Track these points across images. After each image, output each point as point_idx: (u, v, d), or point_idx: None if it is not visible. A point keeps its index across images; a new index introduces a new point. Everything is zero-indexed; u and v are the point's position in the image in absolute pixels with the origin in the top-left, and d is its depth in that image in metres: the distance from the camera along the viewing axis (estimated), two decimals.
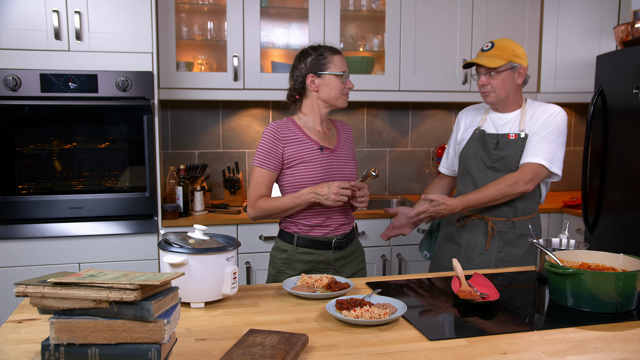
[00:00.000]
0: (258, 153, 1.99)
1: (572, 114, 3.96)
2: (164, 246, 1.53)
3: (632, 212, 2.62)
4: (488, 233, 2.18)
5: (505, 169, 2.15)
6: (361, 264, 2.16)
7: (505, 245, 2.17)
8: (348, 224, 2.08)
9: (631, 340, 1.31)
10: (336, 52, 2.03)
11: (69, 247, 2.69)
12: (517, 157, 2.14)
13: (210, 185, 3.37)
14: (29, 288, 1.04)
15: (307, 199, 1.93)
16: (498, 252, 2.18)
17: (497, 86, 2.13)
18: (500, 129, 2.21)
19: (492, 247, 2.18)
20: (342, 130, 2.15)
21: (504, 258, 2.17)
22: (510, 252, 2.17)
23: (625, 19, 3.34)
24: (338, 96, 2.01)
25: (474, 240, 2.21)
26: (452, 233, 2.28)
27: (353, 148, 2.17)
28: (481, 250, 2.20)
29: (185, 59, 3.17)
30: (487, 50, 2.15)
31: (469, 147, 2.26)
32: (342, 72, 2.00)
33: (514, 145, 2.14)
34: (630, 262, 1.59)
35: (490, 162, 2.18)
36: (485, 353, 1.23)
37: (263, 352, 1.16)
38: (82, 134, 2.75)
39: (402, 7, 3.22)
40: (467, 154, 2.26)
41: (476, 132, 2.25)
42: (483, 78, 2.16)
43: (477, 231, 2.21)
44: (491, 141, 2.18)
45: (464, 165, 2.27)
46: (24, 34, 2.58)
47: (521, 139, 2.14)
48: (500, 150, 2.16)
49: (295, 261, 2.02)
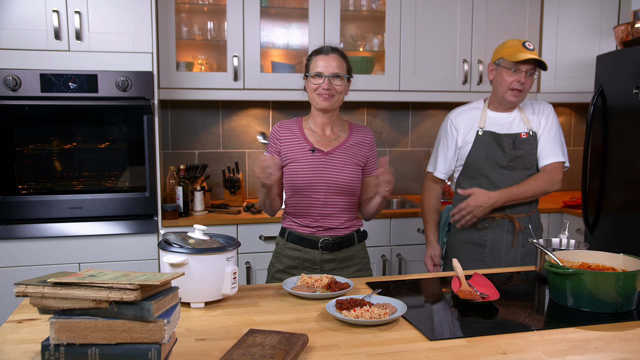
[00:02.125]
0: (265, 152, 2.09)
1: (572, 114, 3.96)
2: (164, 246, 1.53)
3: (632, 212, 2.61)
4: (513, 231, 2.25)
5: (521, 167, 2.23)
6: (359, 272, 2.08)
7: (527, 240, 2.26)
8: (345, 228, 2.04)
9: (631, 340, 1.31)
10: (320, 52, 1.99)
11: (69, 247, 2.69)
12: (531, 154, 2.24)
13: (210, 185, 3.37)
14: (29, 288, 1.04)
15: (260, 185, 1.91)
16: (522, 248, 2.27)
17: (528, 87, 2.20)
18: (507, 129, 2.25)
19: (517, 243, 2.27)
20: (355, 135, 2.06)
21: (527, 252, 2.27)
22: (531, 246, 2.26)
23: (625, 19, 3.34)
24: (312, 97, 2.00)
25: (499, 240, 2.27)
26: (472, 236, 2.30)
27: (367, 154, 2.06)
28: (508, 249, 2.27)
29: (185, 59, 3.17)
30: (533, 50, 2.18)
31: (478, 148, 2.27)
32: (315, 73, 1.96)
33: (527, 143, 2.24)
34: (630, 262, 1.59)
35: (506, 162, 2.23)
36: (485, 353, 1.23)
37: (263, 352, 1.16)
38: (82, 134, 2.75)
39: (402, 7, 3.22)
40: (477, 156, 2.27)
41: (481, 133, 2.26)
42: (525, 76, 2.17)
43: (501, 230, 2.27)
44: (507, 141, 2.23)
45: (475, 168, 2.28)
46: (24, 34, 2.58)
47: (532, 137, 2.25)
48: (517, 150, 2.23)
49: (284, 256, 2.05)
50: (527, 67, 2.17)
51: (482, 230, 2.28)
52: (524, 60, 2.15)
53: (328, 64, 1.96)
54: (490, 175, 2.26)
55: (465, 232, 2.32)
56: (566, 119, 3.96)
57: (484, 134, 2.26)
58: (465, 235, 2.32)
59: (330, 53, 1.98)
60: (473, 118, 2.31)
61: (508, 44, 2.22)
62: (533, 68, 2.18)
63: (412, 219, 3.09)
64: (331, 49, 2.00)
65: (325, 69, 1.96)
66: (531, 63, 2.17)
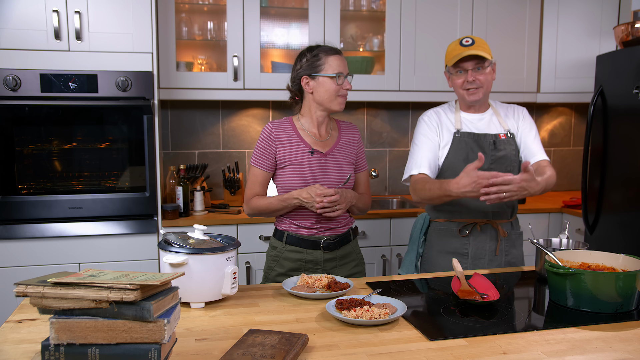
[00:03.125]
0: (254, 152, 2.04)
1: (572, 114, 3.96)
2: (164, 246, 1.53)
3: (632, 212, 2.61)
4: (497, 238, 2.12)
5: (502, 169, 2.09)
6: (357, 267, 2.11)
7: (510, 248, 2.15)
8: (342, 226, 2.06)
9: (631, 340, 1.31)
10: (332, 52, 1.98)
11: (69, 247, 2.69)
12: (512, 156, 2.12)
13: (210, 185, 3.37)
14: (29, 288, 1.04)
15: (292, 204, 1.95)
16: (506, 256, 2.15)
17: (485, 81, 2.07)
18: (484, 129, 2.14)
19: (501, 251, 2.14)
20: (345, 133, 2.10)
21: (511, 261, 2.15)
22: (514, 254, 2.16)
23: (625, 19, 3.34)
24: (332, 99, 1.98)
25: (482, 248, 2.12)
26: (453, 245, 2.14)
27: (356, 151, 2.11)
28: (491, 257, 2.12)
29: (185, 59, 3.17)
30: (470, 45, 2.05)
31: (456, 150, 2.12)
32: (335, 74, 1.95)
33: (507, 144, 2.13)
34: (630, 262, 1.59)
35: (487, 164, 2.08)
36: (485, 353, 1.23)
37: (263, 352, 1.16)
38: (82, 134, 2.75)
39: (402, 7, 3.22)
40: (456, 158, 2.11)
41: (458, 135, 2.13)
42: (472, 73, 2.06)
43: (484, 237, 2.12)
44: (487, 141, 2.11)
45: (454, 171, 2.06)
46: (24, 34, 2.58)
47: (511, 138, 2.14)
48: (498, 150, 2.11)
49: (284, 259, 2.03)
50: (471, 63, 2.05)
51: (463, 238, 2.12)
52: (465, 58, 2.04)
53: (341, 64, 1.98)
54: None
55: (445, 241, 2.15)
56: (566, 119, 3.96)
57: (461, 136, 2.12)
58: (444, 244, 2.15)
59: (339, 53, 2.01)
60: (447, 119, 2.17)
61: (448, 49, 2.12)
62: (480, 61, 2.05)
63: (412, 219, 3.09)
64: (336, 49, 2.03)
65: (345, 69, 1.99)
66: (474, 58, 2.04)
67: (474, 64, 2.05)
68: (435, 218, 2.21)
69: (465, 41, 2.06)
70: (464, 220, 2.13)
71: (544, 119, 3.91)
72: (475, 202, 2.08)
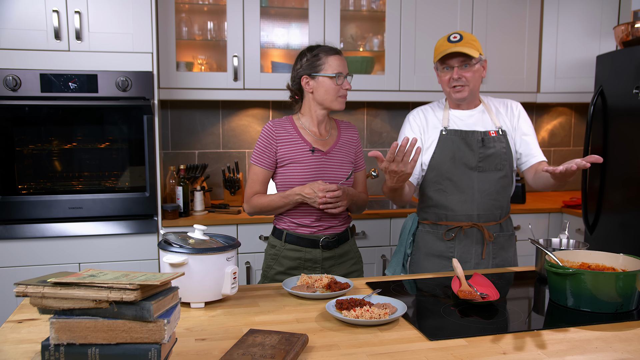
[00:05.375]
0: (254, 151, 2.05)
1: (572, 114, 3.96)
2: (164, 246, 1.53)
3: (632, 212, 2.61)
4: (483, 242, 2.08)
5: (491, 168, 2.05)
6: (355, 266, 2.12)
7: (499, 250, 2.11)
8: (341, 225, 2.07)
9: (631, 340, 1.31)
10: (332, 52, 1.99)
11: (69, 247, 2.69)
12: (502, 154, 2.06)
13: (210, 185, 3.37)
14: (29, 288, 1.04)
15: (294, 200, 1.96)
16: (493, 259, 2.11)
17: (472, 79, 2.02)
18: (472, 127, 2.09)
19: (487, 255, 2.09)
20: (344, 133, 2.12)
21: (499, 264, 2.12)
22: (503, 256, 2.12)
23: (625, 19, 3.34)
24: (333, 98, 1.99)
25: (468, 252, 2.08)
26: (439, 248, 2.10)
27: (356, 151, 2.13)
28: (477, 261, 2.08)
29: (185, 59, 3.17)
30: (458, 41, 2.00)
31: (442, 149, 2.07)
32: (335, 74, 1.96)
33: (497, 142, 2.07)
34: (630, 262, 1.59)
35: (475, 162, 2.04)
36: (485, 353, 1.23)
37: (263, 352, 1.16)
38: (82, 134, 2.75)
39: (402, 7, 3.22)
40: (442, 157, 2.06)
41: (445, 133, 2.07)
42: (457, 71, 2.01)
43: (470, 241, 2.08)
44: (475, 139, 2.05)
45: (440, 171, 2.07)
46: (24, 34, 2.58)
47: (502, 136, 2.08)
48: (487, 148, 2.05)
49: (283, 257, 2.04)
50: (457, 60, 2.00)
51: (448, 241, 2.08)
52: (452, 54, 2.00)
53: (341, 64, 2.00)
54: (457, 178, 2.05)
55: (431, 244, 2.12)
56: (566, 119, 3.96)
57: (448, 133, 2.06)
58: (430, 247, 2.12)
59: (339, 53, 2.02)
60: (434, 117, 2.12)
61: (436, 45, 2.07)
62: (467, 58, 2.00)
63: None
64: (336, 49, 2.04)
65: (345, 69, 2.00)
66: (461, 55, 1.99)
67: (460, 61, 2.01)
68: (422, 220, 2.17)
69: (453, 37, 2.01)
70: (449, 223, 2.09)
71: (544, 119, 3.91)
72: (461, 205, 2.06)
